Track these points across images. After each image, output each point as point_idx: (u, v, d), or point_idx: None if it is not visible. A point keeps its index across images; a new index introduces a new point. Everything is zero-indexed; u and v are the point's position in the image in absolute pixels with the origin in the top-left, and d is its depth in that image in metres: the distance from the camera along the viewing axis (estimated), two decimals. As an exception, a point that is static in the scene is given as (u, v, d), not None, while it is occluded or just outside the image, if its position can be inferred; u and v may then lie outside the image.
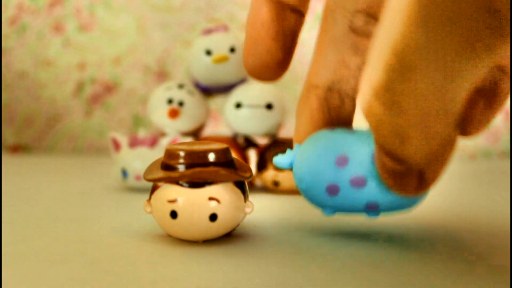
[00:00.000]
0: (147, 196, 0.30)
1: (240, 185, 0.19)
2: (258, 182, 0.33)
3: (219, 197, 0.18)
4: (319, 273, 0.15)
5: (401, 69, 0.12)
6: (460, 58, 0.11)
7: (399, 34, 0.12)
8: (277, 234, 0.20)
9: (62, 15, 0.60)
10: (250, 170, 0.19)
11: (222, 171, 0.18)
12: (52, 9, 0.60)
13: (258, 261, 0.17)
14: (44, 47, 0.60)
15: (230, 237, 0.20)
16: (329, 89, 0.18)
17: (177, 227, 0.18)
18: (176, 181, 0.18)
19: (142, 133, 0.32)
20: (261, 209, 0.25)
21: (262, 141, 0.34)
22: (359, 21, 0.17)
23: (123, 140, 0.31)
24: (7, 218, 0.23)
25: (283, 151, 0.30)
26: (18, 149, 0.60)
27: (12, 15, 0.60)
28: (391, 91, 0.12)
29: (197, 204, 0.17)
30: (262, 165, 0.31)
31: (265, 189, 0.32)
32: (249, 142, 0.33)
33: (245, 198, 0.19)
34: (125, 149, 0.31)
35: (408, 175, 0.15)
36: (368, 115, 0.14)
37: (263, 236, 0.20)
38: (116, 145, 0.31)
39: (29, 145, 0.60)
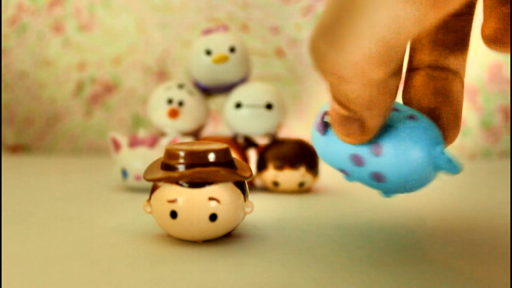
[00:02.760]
0: (147, 196, 0.30)
1: (240, 185, 0.19)
2: (258, 182, 0.33)
3: (219, 197, 0.18)
4: (319, 273, 0.15)
5: (346, 7, 0.12)
6: (406, 5, 0.11)
7: None
8: (277, 234, 0.20)
9: (62, 15, 0.60)
10: (250, 170, 0.19)
11: (222, 171, 0.18)
12: (52, 9, 0.60)
13: (258, 261, 0.17)
14: (44, 47, 0.60)
15: (230, 237, 0.20)
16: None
17: (177, 227, 0.18)
18: (176, 181, 0.18)
19: (142, 133, 0.32)
20: (261, 209, 0.25)
21: (262, 141, 0.34)
22: None
23: (123, 140, 0.31)
24: (7, 218, 0.23)
25: (283, 151, 0.30)
26: (18, 149, 0.60)
27: (12, 15, 0.61)
28: (334, 29, 0.13)
29: (197, 204, 0.17)
30: (262, 165, 0.31)
31: (265, 189, 0.32)
32: (249, 142, 0.33)
33: (245, 198, 0.19)
34: (125, 149, 0.31)
35: (351, 121, 0.16)
36: (313, 52, 0.14)
37: (263, 236, 0.20)
38: (116, 145, 0.31)
39: (29, 145, 0.60)
